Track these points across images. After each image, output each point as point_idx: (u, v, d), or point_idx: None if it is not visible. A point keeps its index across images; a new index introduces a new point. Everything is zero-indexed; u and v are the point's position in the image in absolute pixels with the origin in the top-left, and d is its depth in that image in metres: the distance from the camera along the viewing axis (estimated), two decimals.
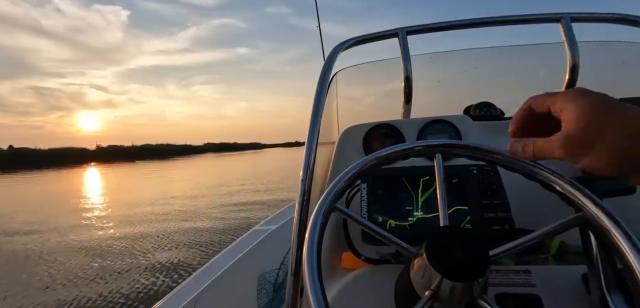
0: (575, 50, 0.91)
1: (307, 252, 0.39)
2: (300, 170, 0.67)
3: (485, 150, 0.48)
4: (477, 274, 0.36)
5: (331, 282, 0.65)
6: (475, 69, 1.18)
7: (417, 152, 0.50)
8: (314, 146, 0.69)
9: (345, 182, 0.48)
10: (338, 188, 0.47)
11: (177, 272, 4.76)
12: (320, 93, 0.78)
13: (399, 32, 0.98)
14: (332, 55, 0.90)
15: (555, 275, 0.54)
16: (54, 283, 4.76)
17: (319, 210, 0.44)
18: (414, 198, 0.64)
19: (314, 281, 0.36)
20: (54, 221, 8.57)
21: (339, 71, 1.14)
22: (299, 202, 0.64)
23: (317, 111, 0.74)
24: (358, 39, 0.97)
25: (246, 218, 7.71)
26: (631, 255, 0.34)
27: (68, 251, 6.09)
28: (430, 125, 0.91)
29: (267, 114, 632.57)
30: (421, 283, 0.39)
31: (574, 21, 0.92)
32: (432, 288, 0.37)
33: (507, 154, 0.46)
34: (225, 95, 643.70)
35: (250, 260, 1.84)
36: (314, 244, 0.40)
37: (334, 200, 0.46)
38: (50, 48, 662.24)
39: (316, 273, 0.37)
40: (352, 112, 1.20)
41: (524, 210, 0.63)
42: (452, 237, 0.40)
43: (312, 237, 0.40)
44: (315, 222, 0.42)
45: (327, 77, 0.84)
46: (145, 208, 9.91)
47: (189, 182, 18.33)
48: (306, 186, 0.65)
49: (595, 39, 1.03)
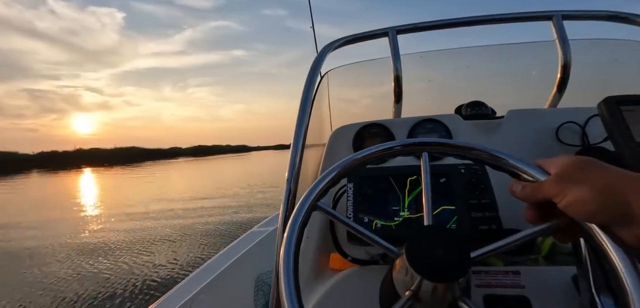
0: (567, 48, 0.91)
1: (284, 251, 0.38)
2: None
3: (470, 148, 0.47)
4: (457, 274, 0.35)
5: (319, 283, 0.64)
6: (467, 68, 1.17)
7: (399, 151, 0.49)
8: (301, 145, 0.68)
9: (328, 181, 0.47)
10: (320, 188, 0.46)
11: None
12: (307, 91, 0.77)
13: (389, 31, 0.97)
14: (321, 54, 0.89)
15: (545, 276, 0.53)
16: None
17: (299, 210, 0.43)
18: (400, 198, 0.63)
19: (289, 280, 0.35)
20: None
21: (329, 71, 1.13)
22: (284, 202, 0.63)
23: (304, 109, 0.73)
24: (348, 39, 0.96)
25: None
26: (615, 256, 0.33)
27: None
28: (421, 124, 0.90)
29: (263, 116, 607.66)
30: (403, 284, 0.38)
31: (565, 19, 0.92)
32: (412, 288, 0.36)
33: (494, 152, 0.45)
34: (221, 97, 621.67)
35: (247, 262, 1.83)
36: (292, 245, 0.38)
37: (315, 200, 0.44)
38: (44, 50, 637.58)
39: (292, 275, 0.36)
40: (346, 113, 1.20)
41: (512, 210, 0.62)
42: (434, 237, 0.39)
43: (290, 237, 0.39)
44: (294, 223, 0.41)
45: (315, 75, 0.83)
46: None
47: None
48: (291, 186, 0.64)
49: (587, 37, 1.03)
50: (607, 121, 0.66)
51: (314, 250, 0.73)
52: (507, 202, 0.60)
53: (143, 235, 7.03)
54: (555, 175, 0.37)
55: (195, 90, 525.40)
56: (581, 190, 0.33)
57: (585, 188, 0.33)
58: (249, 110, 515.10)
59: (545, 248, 0.61)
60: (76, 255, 6.02)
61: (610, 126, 0.65)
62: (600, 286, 0.43)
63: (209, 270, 1.65)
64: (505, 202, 0.60)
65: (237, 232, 6.10)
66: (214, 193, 12.89)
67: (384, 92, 1.09)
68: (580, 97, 0.95)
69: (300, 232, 0.41)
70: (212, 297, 1.49)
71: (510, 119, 0.89)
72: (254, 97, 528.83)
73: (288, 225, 0.41)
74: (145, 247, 6.16)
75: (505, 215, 0.59)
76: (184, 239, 6.48)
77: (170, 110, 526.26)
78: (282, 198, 0.64)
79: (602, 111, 0.67)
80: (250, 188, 13.98)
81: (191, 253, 5.63)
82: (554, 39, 0.93)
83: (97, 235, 7.32)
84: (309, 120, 0.73)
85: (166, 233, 7.02)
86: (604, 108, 0.66)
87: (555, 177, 0.36)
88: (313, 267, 0.71)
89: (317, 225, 0.75)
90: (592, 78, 1.12)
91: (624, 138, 0.63)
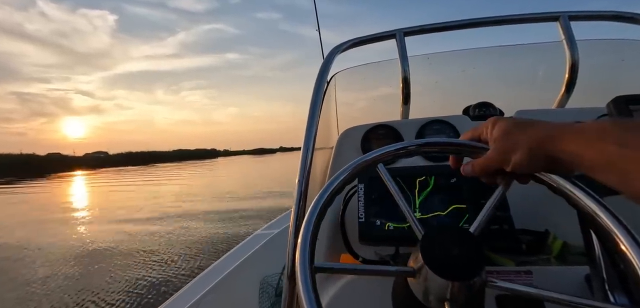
0: (575, 48, 0.91)
1: (300, 254, 0.38)
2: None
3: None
4: (472, 273, 0.35)
5: (329, 284, 0.64)
6: (474, 69, 1.18)
7: (412, 151, 0.50)
8: (311, 146, 0.68)
9: (342, 180, 0.47)
10: (335, 186, 0.46)
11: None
12: (317, 93, 0.78)
13: (396, 33, 0.98)
14: (329, 57, 0.90)
15: (558, 276, 0.53)
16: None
17: (314, 206, 0.43)
18: (411, 199, 0.63)
19: (307, 281, 0.35)
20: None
21: (337, 73, 1.13)
22: (296, 203, 0.64)
23: (314, 112, 0.74)
24: (355, 41, 0.97)
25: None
26: (634, 255, 0.33)
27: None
28: (429, 125, 0.90)
29: (258, 120, 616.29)
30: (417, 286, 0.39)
31: (572, 20, 0.92)
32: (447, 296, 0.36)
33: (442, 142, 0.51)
34: (214, 100, 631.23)
35: (252, 264, 1.83)
36: (307, 243, 0.39)
37: (330, 198, 0.45)
38: (34, 52, 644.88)
39: (309, 275, 0.36)
40: (351, 117, 1.20)
41: (524, 210, 0.62)
42: (448, 235, 0.39)
43: (305, 239, 0.40)
44: (307, 226, 0.41)
45: (324, 78, 0.84)
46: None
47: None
48: (302, 188, 0.64)
49: (594, 37, 1.03)
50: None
51: (324, 251, 0.73)
52: (518, 202, 0.60)
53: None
54: (494, 146, 0.43)
55: (189, 94, 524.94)
56: (519, 152, 0.40)
57: (522, 150, 0.40)
58: (243, 114, 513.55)
59: (557, 249, 0.61)
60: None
61: None
62: (614, 285, 0.43)
63: (215, 272, 1.66)
64: (516, 202, 0.60)
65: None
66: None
67: (391, 93, 1.09)
68: (588, 97, 0.95)
69: (315, 230, 0.41)
70: (217, 299, 1.49)
71: None
72: (248, 100, 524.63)
73: (303, 222, 0.41)
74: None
75: (516, 215, 0.59)
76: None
77: (163, 113, 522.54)
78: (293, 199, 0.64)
79: (611, 111, 0.67)
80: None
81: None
82: (561, 39, 0.93)
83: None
84: (318, 122, 0.74)
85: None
86: (613, 108, 0.66)
87: (495, 148, 0.43)
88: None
89: (327, 226, 0.75)
90: (599, 78, 1.12)
91: None
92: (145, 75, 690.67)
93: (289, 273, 0.60)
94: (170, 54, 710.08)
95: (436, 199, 0.62)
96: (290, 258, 0.60)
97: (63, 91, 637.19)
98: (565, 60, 0.92)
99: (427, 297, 0.37)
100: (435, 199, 0.63)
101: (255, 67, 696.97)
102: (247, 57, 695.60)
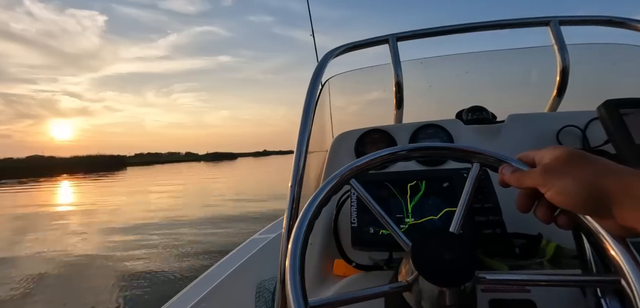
0: (565, 53, 0.92)
1: (290, 258, 0.38)
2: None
3: (473, 152, 0.48)
4: (464, 278, 0.35)
5: (323, 290, 0.64)
6: (466, 73, 1.18)
7: (404, 156, 0.49)
8: (304, 151, 0.68)
9: (333, 185, 0.47)
10: (326, 192, 0.45)
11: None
12: (310, 97, 0.78)
13: (389, 38, 0.98)
14: (322, 62, 0.90)
15: None
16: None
17: (305, 212, 0.42)
18: (403, 204, 0.63)
19: (296, 287, 0.35)
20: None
21: (330, 78, 1.14)
22: (288, 208, 0.63)
23: (307, 115, 0.73)
24: (349, 46, 0.97)
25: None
26: (622, 258, 0.33)
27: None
28: (422, 129, 0.91)
29: (250, 123, 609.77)
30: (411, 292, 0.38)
31: (562, 24, 0.93)
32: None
33: (490, 153, 0.46)
34: (206, 103, 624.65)
35: (248, 269, 1.82)
36: (298, 247, 0.38)
37: (321, 204, 0.44)
38: (20, 53, 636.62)
39: (298, 280, 0.35)
40: (346, 121, 1.20)
41: (517, 213, 0.62)
42: (439, 240, 0.39)
43: (296, 239, 0.39)
44: (300, 225, 0.41)
45: (317, 82, 0.83)
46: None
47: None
48: (295, 192, 0.64)
49: (585, 41, 1.04)
50: (607, 124, 0.66)
51: (317, 257, 0.73)
52: (510, 207, 0.60)
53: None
54: (542, 166, 0.38)
55: (180, 96, 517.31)
56: (565, 181, 0.35)
57: (569, 180, 0.35)
58: (235, 117, 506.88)
59: (550, 252, 0.61)
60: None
61: (610, 129, 0.66)
62: (606, 289, 0.43)
63: (211, 277, 1.64)
64: (508, 207, 0.60)
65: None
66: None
67: (384, 98, 1.09)
68: (579, 101, 0.95)
69: (306, 235, 0.40)
70: (213, 304, 1.47)
71: (511, 123, 0.89)
72: (240, 102, 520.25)
73: (294, 227, 0.41)
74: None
75: (509, 219, 0.59)
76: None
77: (153, 116, 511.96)
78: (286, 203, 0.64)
79: (602, 114, 0.67)
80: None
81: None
82: (552, 44, 0.94)
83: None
84: (311, 126, 0.73)
85: None
86: (604, 111, 0.67)
87: (542, 168, 0.38)
88: (317, 273, 0.71)
89: (321, 231, 0.75)
90: (591, 82, 1.13)
91: (624, 140, 0.63)
92: (136, 77, 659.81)
93: (281, 278, 0.59)
94: (161, 55, 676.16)
95: (428, 203, 0.62)
96: (283, 263, 0.60)
97: (50, 92, 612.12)
98: (556, 64, 0.93)
99: (420, 304, 0.37)
100: (427, 203, 0.62)
101: (248, 70, 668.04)
102: (239, 60, 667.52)
